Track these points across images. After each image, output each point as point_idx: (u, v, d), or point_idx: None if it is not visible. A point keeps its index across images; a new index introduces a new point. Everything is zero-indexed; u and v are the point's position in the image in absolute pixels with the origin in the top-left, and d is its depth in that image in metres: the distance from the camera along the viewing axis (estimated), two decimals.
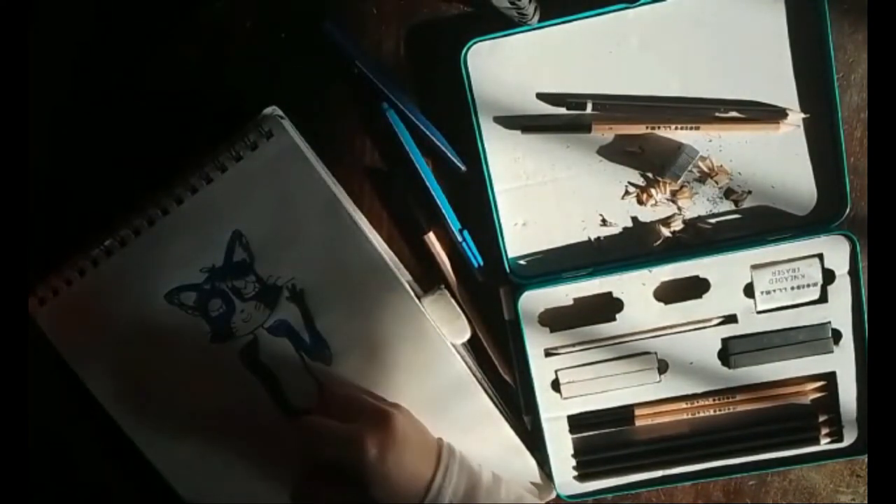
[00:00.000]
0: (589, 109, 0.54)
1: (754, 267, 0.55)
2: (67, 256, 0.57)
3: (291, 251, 0.55)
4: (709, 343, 0.56)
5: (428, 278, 0.58)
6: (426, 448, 0.53)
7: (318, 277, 0.55)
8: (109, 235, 0.56)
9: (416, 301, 0.55)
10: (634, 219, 0.56)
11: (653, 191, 0.55)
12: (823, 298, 0.55)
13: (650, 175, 0.56)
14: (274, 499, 0.58)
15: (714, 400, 0.57)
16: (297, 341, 0.56)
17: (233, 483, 0.58)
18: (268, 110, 0.55)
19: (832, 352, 0.55)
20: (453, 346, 0.56)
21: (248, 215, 0.55)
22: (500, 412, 0.57)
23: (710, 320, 0.56)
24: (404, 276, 0.57)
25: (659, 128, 0.54)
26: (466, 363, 0.56)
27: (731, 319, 0.56)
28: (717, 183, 0.55)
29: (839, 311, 0.55)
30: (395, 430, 0.50)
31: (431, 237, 0.57)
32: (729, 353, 0.56)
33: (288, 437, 0.56)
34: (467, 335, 0.57)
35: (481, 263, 0.58)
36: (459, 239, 0.57)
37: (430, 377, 0.56)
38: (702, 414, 0.57)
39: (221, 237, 0.55)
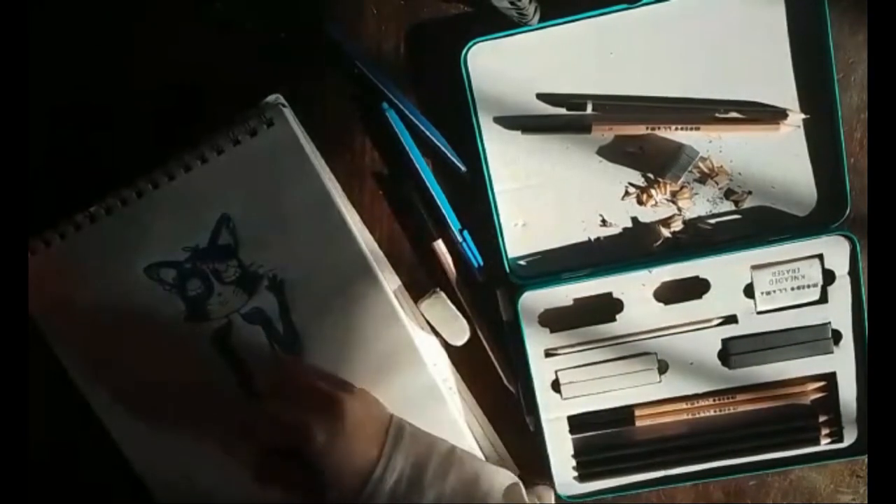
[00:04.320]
0: (589, 110, 0.54)
1: (754, 267, 0.55)
2: None
3: (277, 241, 0.55)
4: (709, 343, 0.56)
5: (428, 279, 0.58)
6: (377, 431, 0.52)
7: (301, 271, 0.55)
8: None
9: (397, 306, 0.55)
10: (634, 219, 0.56)
11: (653, 191, 0.55)
12: (823, 299, 0.55)
13: (650, 175, 0.56)
14: (234, 477, 0.57)
15: (714, 400, 0.57)
16: (271, 331, 0.56)
17: (190, 460, 0.57)
18: (271, 98, 0.55)
19: (832, 352, 0.55)
20: (428, 358, 0.56)
21: (239, 200, 0.55)
22: (469, 426, 0.58)
23: (710, 321, 0.56)
24: (392, 282, 0.57)
25: (659, 128, 0.54)
26: (445, 374, 0.56)
27: (731, 320, 0.56)
28: (717, 183, 0.55)
29: (839, 312, 0.55)
30: (344, 417, 0.49)
31: (440, 245, 0.57)
32: (729, 353, 0.56)
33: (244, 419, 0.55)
34: (466, 336, 0.57)
35: (481, 264, 0.58)
36: (459, 239, 0.57)
37: (399, 385, 0.56)
38: (702, 414, 0.57)
39: (209, 219, 0.55)
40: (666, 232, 0.56)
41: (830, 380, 0.56)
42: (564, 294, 0.56)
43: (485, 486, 0.52)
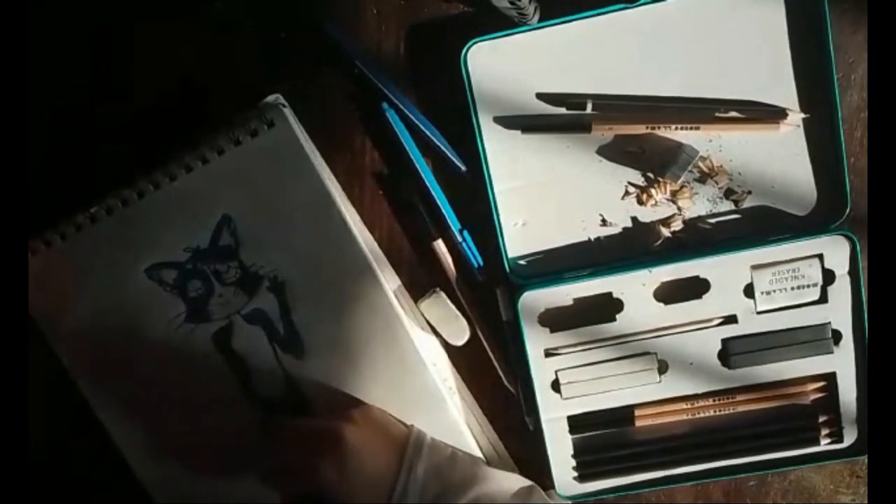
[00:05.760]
0: (589, 109, 0.54)
1: (754, 267, 0.55)
2: None
3: (278, 242, 0.55)
4: (709, 343, 0.56)
5: (428, 279, 0.58)
6: (390, 447, 0.53)
7: (301, 272, 0.55)
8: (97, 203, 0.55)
9: (397, 306, 0.55)
10: (634, 219, 0.56)
11: (653, 191, 0.55)
12: (823, 299, 0.55)
13: (650, 175, 0.56)
14: (233, 478, 0.58)
15: (714, 400, 0.57)
16: (271, 332, 0.56)
17: (189, 461, 0.58)
18: (271, 98, 0.55)
19: (832, 352, 0.55)
20: (428, 358, 0.56)
21: (240, 201, 0.55)
22: (469, 426, 0.58)
23: (710, 320, 0.56)
24: (392, 282, 0.57)
25: (659, 128, 0.54)
26: (445, 374, 0.56)
27: (731, 320, 0.56)
28: (717, 183, 0.55)
29: (839, 312, 0.55)
30: (348, 448, 0.51)
31: (440, 245, 0.57)
32: (729, 353, 0.56)
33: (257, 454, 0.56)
34: (466, 336, 0.57)
35: (481, 264, 0.58)
36: (459, 239, 0.57)
37: (399, 385, 0.56)
38: (702, 414, 0.57)
39: (210, 219, 0.55)
40: (666, 231, 0.56)
41: (830, 380, 0.56)
42: (564, 294, 0.56)
43: (508, 496, 0.53)
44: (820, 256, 0.54)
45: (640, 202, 0.56)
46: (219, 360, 0.57)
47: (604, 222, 0.57)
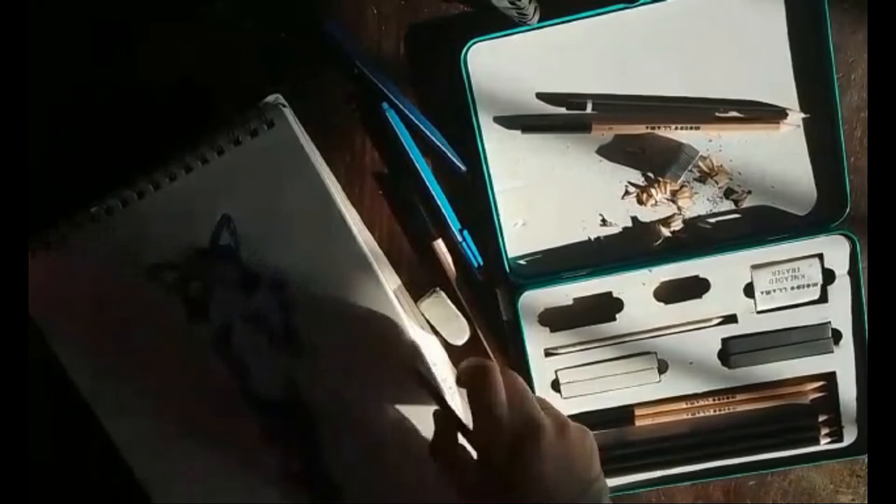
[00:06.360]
0: (589, 109, 0.54)
1: (754, 267, 0.55)
2: None
3: (278, 242, 0.55)
4: (709, 343, 0.56)
5: (428, 279, 0.58)
6: (573, 475, 0.47)
7: (301, 272, 0.55)
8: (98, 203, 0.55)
9: (397, 306, 0.55)
10: (634, 219, 0.57)
11: (653, 191, 0.55)
12: (823, 298, 0.55)
13: (650, 175, 0.56)
14: (234, 478, 0.57)
15: (714, 400, 0.57)
16: (271, 332, 0.56)
17: (190, 462, 0.58)
18: (271, 98, 0.55)
19: (832, 352, 0.55)
20: (428, 357, 0.56)
21: (240, 201, 0.54)
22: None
23: (709, 320, 0.56)
24: (392, 282, 0.57)
25: (659, 128, 0.54)
26: (445, 374, 0.56)
27: (730, 319, 0.56)
28: (717, 183, 0.55)
29: (839, 311, 0.55)
30: (569, 428, 0.47)
31: (440, 244, 0.57)
32: (729, 352, 0.56)
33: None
34: (466, 336, 0.57)
35: (481, 263, 0.58)
36: (459, 239, 0.57)
37: (399, 384, 0.56)
38: (702, 414, 0.57)
39: (210, 219, 0.55)
40: (666, 231, 0.56)
41: (830, 379, 0.56)
42: (564, 294, 0.56)
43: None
44: (820, 256, 0.55)
45: (640, 202, 0.56)
46: (219, 360, 0.57)
47: (604, 222, 0.57)
